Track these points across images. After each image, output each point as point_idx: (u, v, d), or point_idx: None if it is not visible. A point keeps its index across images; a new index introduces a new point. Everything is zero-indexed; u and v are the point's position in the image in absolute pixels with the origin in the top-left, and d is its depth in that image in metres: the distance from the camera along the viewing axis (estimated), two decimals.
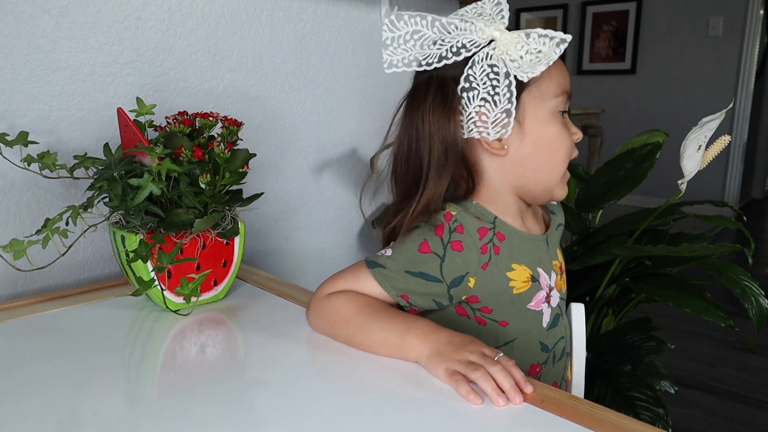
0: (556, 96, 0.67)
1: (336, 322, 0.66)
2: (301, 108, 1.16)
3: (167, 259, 0.70)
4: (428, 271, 0.66)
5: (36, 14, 0.81)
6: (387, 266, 0.67)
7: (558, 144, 0.68)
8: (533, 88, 0.67)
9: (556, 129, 0.68)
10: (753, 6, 4.13)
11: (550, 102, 0.67)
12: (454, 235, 0.66)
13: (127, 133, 0.73)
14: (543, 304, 0.72)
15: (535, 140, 0.68)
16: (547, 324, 0.72)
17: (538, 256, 0.72)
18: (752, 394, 1.87)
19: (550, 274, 0.73)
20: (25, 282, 0.84)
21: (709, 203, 1.33)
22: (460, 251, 0.66)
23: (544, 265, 0.73)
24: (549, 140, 0.68)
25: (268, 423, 0.51)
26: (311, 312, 0.70)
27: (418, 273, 0.66)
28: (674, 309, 1.12)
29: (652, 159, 1.28)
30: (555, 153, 0.69)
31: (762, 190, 5.20)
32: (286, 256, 1.20)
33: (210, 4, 0.99)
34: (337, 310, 0.66)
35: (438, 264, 0.66)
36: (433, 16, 0.66)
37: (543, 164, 0.69)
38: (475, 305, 0.69)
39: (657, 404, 1.06)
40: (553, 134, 0.68)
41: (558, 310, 0.75)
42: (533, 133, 0.68)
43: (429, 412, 0.52)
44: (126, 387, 0.58)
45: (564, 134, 0.68)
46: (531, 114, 0.67)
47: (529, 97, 0.67)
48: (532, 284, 0.70)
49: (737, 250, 1.08)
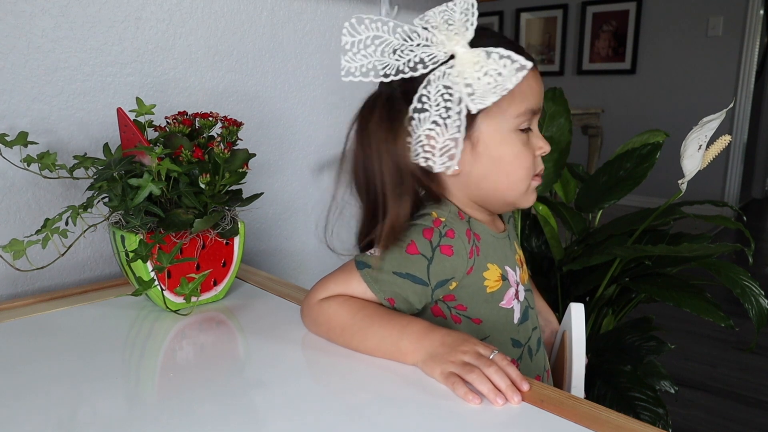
0: (518, 116, 0.65)
1: (331, 330, 0.66)
2: (301, 108, 1.16)
3: (167, 259, 0.70)
4: (415, 273, 0.65)
5: (36, 14, 0.81)
6: (375, 266, 0.65)
7: (515, 164, 0.67)
8: (492, 107, 0.63)
9: (514, 149, 0.66)
10: (753, 6, 4.13)
11: (510, 121, 0.66)
12: (445, 240, 0.65)
13: (127, 133, 0.73)
14: (513, 301, 0.72)
15: (491, 160, 0.67)
16: (518, 320, 0.73)
17: (504, 254, 0.72)
18: (752, 394, 1.87)
19: (515, 270, 0.74)
20: (25, 282, 0.84)
21: (709, 203, 1.33)
22: (449, 256, 0.65)
23: (510, 262, 0.73)
24: (506, 161, 0.67)
25: (268, 423, 0.51)
26: (305, 317, 0.70)
27: (405, 274, 0.64)
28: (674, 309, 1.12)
29: (652, 159, 1.28)
30: (513, 173, 0.67)
31: (762, 190, 5.20)
32: (286, 256, 1.20)
33: (210, 4, 0.99)
34: (330, 318, 0.66)
35: (425, 266, 0.65)
36: (396, 22, 0.64)
37: (500, 183, 0.68)
38: (450, 303, 0.69)
39: (657, 404, 1.06)
40: (511, 154, 0.66)
41: (526, 303, 0.75)
42: (488, 153, 0.66)
43: (428, 412, 0.52)
44: (126, 387, 0.58)
45: (523, 153, 0.66)
46: (487, 134, 0.66)
47: (487, 117, 0.65)
48: (503, 282, 0.71)
49: (737, 250, 1.08)
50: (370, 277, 0.65)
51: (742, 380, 1.96)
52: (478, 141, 0.66)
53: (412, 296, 0.65)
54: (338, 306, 0.66)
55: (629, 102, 4.75)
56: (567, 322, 0.80)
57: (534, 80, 0.67)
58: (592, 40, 4.90)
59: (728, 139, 0.94)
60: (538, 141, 0.69)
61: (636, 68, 4.69)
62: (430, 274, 0.65)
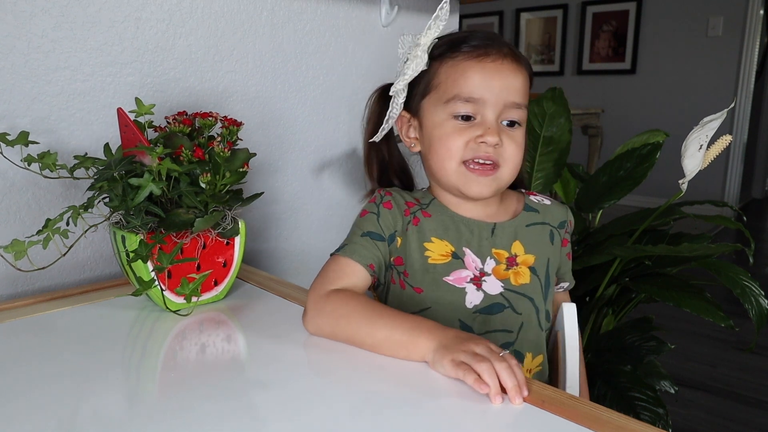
0: (447, 101, 0.74)
1: (338, 319, 0.66)
2: (301, 108, 1.16)
3: (167, 259, 0.70)
4: (372, 229, 0.76)
5: (36, 14, 0.81)
6: (348, 240, 0.75)
7: (440, 146, 0.75)
8: (432, 94, 0.76)
9: (443, 132, 0.75)
10: (753, 6, 4.13)
11: (444, 106, 0.74)
12: (385, 198, 0.79)
13: (128, 133, 0.73)
14: (467, 284, 0.76)
15: (427, 140, 0.77)
16: (473, 306, 0.75)
17: (469, 237, 0.78)
18: (752, 394, 1.87)
19: (484, 259, 0.77)
20: (26, 282, 0.84)
21: (709, 203, 1.33)
22: (389, 209, 0.78)
23: (477, 248, 0.78)
24: (435, 143, 0.76)
25: (268, 423, 0.51)
26: (310, 313, 0.69)
27: (367, 233, 0.75)
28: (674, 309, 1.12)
29: (652, 159, 1.28)
30: (438, 153, 0.75)
31: (762, 190, 5.20)
32: (286, 256, 1.20)
33: (210, 4, 0.99)
34: (337, 307, 0.67)
35: (375, 219, 0.77)
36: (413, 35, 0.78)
37: (433, 163, 0.77)
38: (399, 268, 0.77)
39: (657, 404, 1.06)
40: (440, 136, 0.75)
41: (501, 300, 0.76)
42: (427, 134, 0.77)
43: (428, 411, 0.52)
44: (126, 387, 0.58)
45: (451, 137, 0.74)
46: (426, 117, 0.77)
47: (429, 100, 0.77)
48: (453, 260, 0.76)
49: (737, 250, 1.08)
50: (348, 250, 0.74)
51: (742, 380, 1.96)
52: (422, 122, 0.78)
53: (379, 255, 0.75)
54: (346, 296, 0.68)
55: (629, 102, 4.75)
56: (560, 322, 0.80)
57: (474, 71, 0.73)
58: (592, 40, 4.90)
59: (729, 139, 0.94)
60: (477, 129, 0.73)
61: (636, 68, 4.69)
62: (381, 226, 0.76)
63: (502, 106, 0.73)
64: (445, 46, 0.75)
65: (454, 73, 0.73)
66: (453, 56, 0.74)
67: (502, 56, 0.73)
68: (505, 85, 0.73)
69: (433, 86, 0.76)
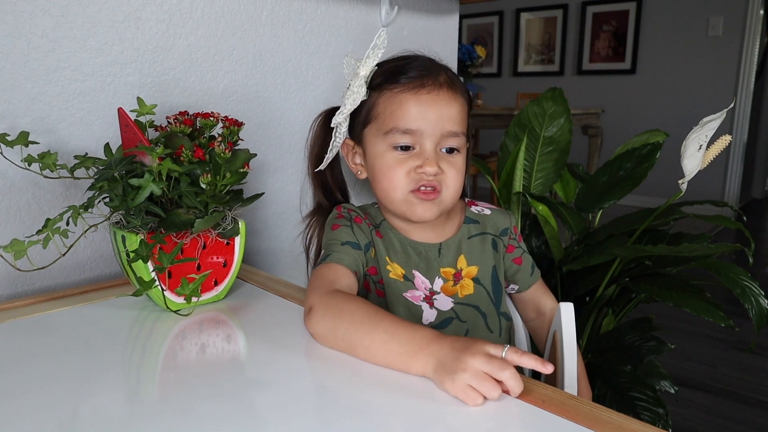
0: (386, 133, 0.76)
1: (342, 315, 0.64)
2: (301, 108, 1.16)
3: (168, 259, 0.70)
4: (350, 239, 0.77)
5: (36, 14, 0.81)
6: (329, 250, 0.76)
7: (384, 178, 0.77)
8: (373, 124, 0.78)
9: (384, 163, 0.77)
10: (753, 6, 4.13)
11: (384, 138, 0.76)
12: (353, 214, 0.81)
13: (128, 133, 0.73)
14: (421, 302, 0.80)
15: (371, 170, 0.80)
16: (428, 322, 0.80)
17: (417, 260, 0.81)
18: (752, 394, 1.87)
19: (433, 279, 0.81)
20: (25, 282, 0.84)
21: (709, 203, 1.33)
22: (359, 223, 0.80)
23: (425, 270, 0.81)
24: (378, 174, 0.78)
25: (268, 423, 0.51)
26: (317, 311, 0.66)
27: (346, 242, 0.77)
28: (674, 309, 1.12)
29: (652, 159, 1.28)
30: (383, 183, 0.77)
31: (762, 190, 5.20)
32: (286, 256, 1.20)
33: (210, 4, 0.99)
34: (343, 304, 0.66)
35: (350, 230, 0.78)
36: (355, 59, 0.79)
37: (379, 192, 0.80)
38: (374, 277, 0.80)
39: (657, 404, 1.06)
40: (380, 167, 0.77)
41: (452, 314, 0.81)
42: (370, 163, 0.80)
43: (428, 411, 0.52)
44: (126, 387, 0.58)
45: (393, 169, 0.76)
46: (368, 147, 0.79)
47: (369, 131, 0.79)
48: (405, 281, 0.80)
49: (737, 250, 1.08)
50: (335, 257, 0.75)
51: (742, 380, 1.96)
52: (365, 151, 0.80)
53: (359, 264, 0.76)
54: (350, 296, 0.68)
55: (629, 102, 4.75)
56: (557, 322, 0.80)
57: (410, 103, 0.75)
58: (592, 40, 4.90)
59: (728, 139, 0.94)
60: (417, 160, 0.75)
61: (636, 68, 4.69)
62: (357, 236, 0.78)
63: (440, 135, 0.75)
64: (383, 77, 0.77)
65: (392, 105, 0.75)
66: (390, 88, 0.76)
67: (437, 87, 0.75)
68: (440, 116, 0.75)
69: (372, 116, 0.78)
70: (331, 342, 0.64)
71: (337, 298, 0.67)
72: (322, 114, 0.86)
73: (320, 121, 0.86)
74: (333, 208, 0.85)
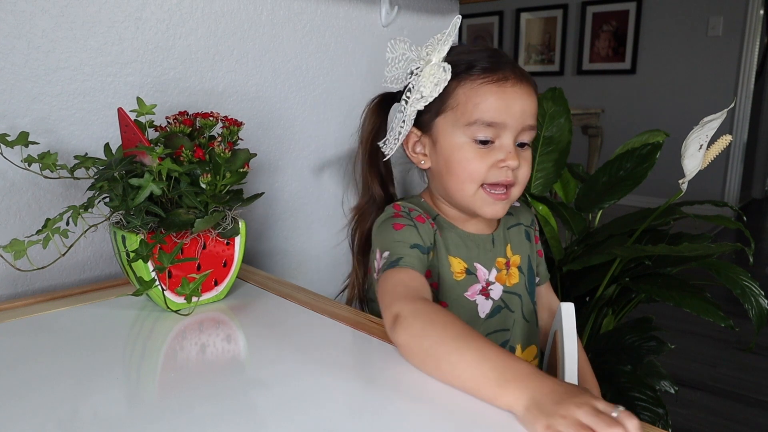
0: (467, 125, 0.73)
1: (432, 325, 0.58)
2: (301, 108, 1.16)
3: (168, 259, 0.70)
4: (417, 241, 0.73)
5: (36, 14, 0.81)
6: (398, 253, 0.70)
7: (460, 170, 0.75)
8: (449, 114, 0.75)
9: (462, 156, 0.74)
10: (753, 6, 4.13)
11: (464, 129, 0.74)
12: (414, 213, 0.76)
13: (128, 133, 0.73)
14: (478, 296, 0.79)
15: (444, 160, 0.76)
16: (485, 314, 0.79)
17: (476, 252, 0.80)
18: (752, 394, 1.87)
19: (489, 270, 0.81)
20: (25, 282, 0.84)
21: (709, 203, 1.33)
22: (422, 222, 0.76)
23: (484, 261, 0.80)
24: (454, 165, 0.75)
25: (268, 423, 0.51)
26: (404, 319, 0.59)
27: (414, 245, 0.72)
28: (674, 309, 1.12)
29: (652, 159, 1.28)
30: (459, 176, 0.75)
31: (762, 190, 5.20)
32: (286, 256, 1.20)
33: (210, 4, 0.99)
34: (433, 313, 0.59)
35: (416, 231, 0.74)
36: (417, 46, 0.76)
37: (450, 183, 0.77)
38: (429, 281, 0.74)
39: (657, 404, 1.06)
40: (459, 159, 0.75)
41: (501, 303, 0.81)
42: (443, 153, 0.76)
43: (430, 412, 0.52)
44: (126, 387, 0.58)
45: (472, 163, 0.74)
46: (442, 136, 0.76)
47: (443, 121, 0.76)
48: (467, 276, 0.78)
49: (737, 250, 1.08)
50: (407, 262, 0.69)
51: (742, 380, 1.96)
52: (437, 140, 0.77)
53: (425, 269, 0.71)
54: (437, 306, 0.61)
55: (629, 102, 4.75)
56: (558, 321, 0.80)
57: (495, 96, 0.73)
58: (592, 40, 4.90)
59: (729, 139, 0.94)
60: (499, 153, 0.74)
61: (636, 68, 4.69)
62: (423, 238, 0.74)
63: (520, 129, 0.74)
64: (462, 66, 0.75)
65: (475, 96, 0.73)
66: (471, 78, 0.74)
67: (520, 79, 0.74)
68: (524, 110, 0.74)
69: (449, 106, 0.75)
70: (414, 352, 0.58)
71: (426, 307, 0.61)
72: (376, 99, 0.83)
73: (373, 106, 0.83)
74: (384, 202, 0.83)
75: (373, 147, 0.83)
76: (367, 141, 0.84)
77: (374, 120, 0.83)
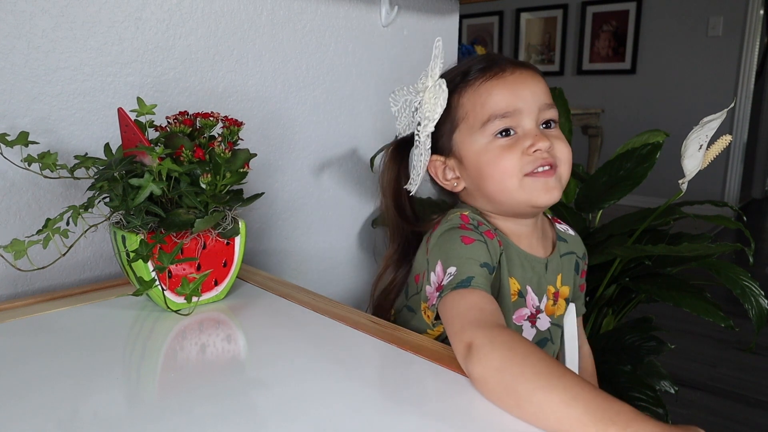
0: (483, 124, 0.71)
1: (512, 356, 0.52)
2: (301, 108, 1.16)
3: (168, 259, 0.70)
4: (487, 260, 0.67)
5: (36, 14, 0.81)
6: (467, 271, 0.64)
7: (494, 169, 0.71)
8: (462, 125, 0.73)
9: (490, 156, 0.71)
10: (753, 6, 4.13)
11: (481, 131, 0.72)
12: (482, 227, 0.71)
13: (128, 133, 0.73)
14: (524, 322, 0.74)
15: (476, 171, 0.73)
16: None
17: (530, 275, 0.75)
18: (752, 394, 1.87)
19: (541, 298, 0.76)
20: (25, 282, 0.84)
21: (709, 203, 1.33)
22: (491, 238, 0.70)
23: (535, 287, 0.75)
24: (485, 168, 0.72)
25: (268, 423, 0.51)
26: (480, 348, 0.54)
27: (484, 264, 0.66)
28: (674, 309, 1.12)
29: (652, 159, 1.28)
30: (494, 177, 0.72)
31: (762, 190, 5.20)
32: (286, 256, 1.20)
33: (210, 4, 0.99)
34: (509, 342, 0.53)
35: (486, 249, 0.68)
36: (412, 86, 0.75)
37: (491, 188, 0.73)
38: None
39: (657, 404, 1.06)
40: (487, 161, 0.72)
41: (547, 335, 0.77)
42: (472, 165, 0.73)
43: (430, 411, 0.52)
44: (126, 387, 0.58)
45: (501, 157, 0.71)
46: (465, 149, 0.74)
47: (460, 135, 0.74)
48: (518, 299, 0.74)
49: (737, 250, 1.08)
50: (480, 282, 0.63)
51: (742, 380, 1.96)
52: (462, 157, 0.74)
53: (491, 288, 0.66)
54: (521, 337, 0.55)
55: (629, 102, 4.75)
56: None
57: (498, 88, 0.71)
58: (592, 40, 4.90)
59: (729, 139, 0.94)
60: (525, 141, 0.71)
61: (636, 68, 4.69)
62: (491, 255, 0.68)
63: (537, 110, 0.72)
64: (458, 77, 0.74)
65: (479, 97, 0.72)
66: (470, 83, 0.73)
67: (518, 67, 0.73)
68: (533, 91, 0.72)
69: (460, 119, 0.74)
70: (492, 388, 0.52)
71: (504, 335, 0.54)
72: (391, 147, 0.82)
73: (390, 155, 0.82)
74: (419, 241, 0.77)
75: (397, 192, 0.81)
76: (389, 188, 0.81)
77: (393, 167, 0.81)
